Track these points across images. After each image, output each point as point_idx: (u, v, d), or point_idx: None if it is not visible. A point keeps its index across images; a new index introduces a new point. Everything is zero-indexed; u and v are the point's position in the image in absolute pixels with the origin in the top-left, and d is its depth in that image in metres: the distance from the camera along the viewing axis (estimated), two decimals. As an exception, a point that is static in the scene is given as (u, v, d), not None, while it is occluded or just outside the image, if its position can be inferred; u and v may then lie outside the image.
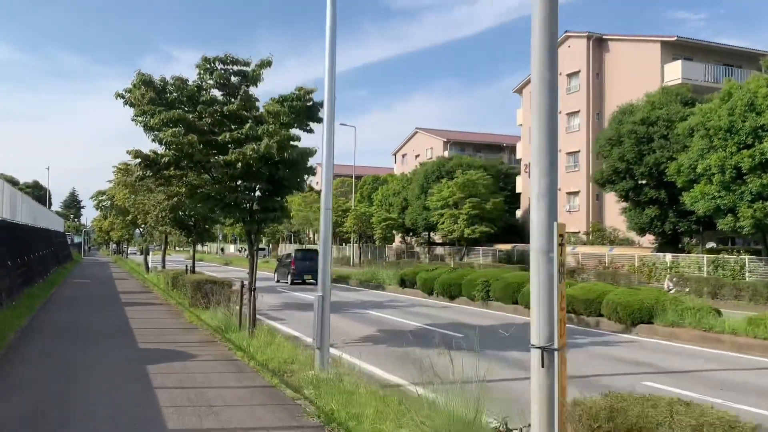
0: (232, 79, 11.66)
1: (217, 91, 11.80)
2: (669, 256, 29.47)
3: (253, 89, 11.79)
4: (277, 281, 31.11)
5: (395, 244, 55.92)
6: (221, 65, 11.43)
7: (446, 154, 56.88)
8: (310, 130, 12.22)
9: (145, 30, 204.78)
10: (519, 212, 50.19)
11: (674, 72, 36.87)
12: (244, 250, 55.00)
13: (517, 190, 49.85)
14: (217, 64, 11.40)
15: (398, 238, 55.72)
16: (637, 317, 13.96)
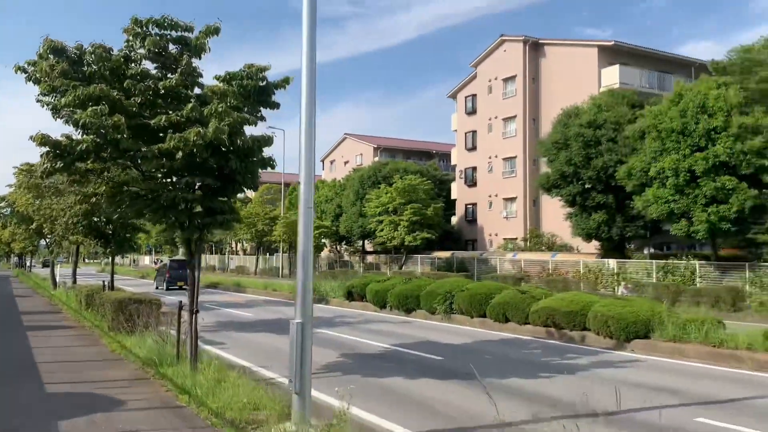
0: (170, 48, 9.30)
1: (151, 64, 9.42)
2: (614, 262, 28.80)
3: (197, 63, 9.49)
4: (157, 288, 34.95)
5: (324, 254, 53.51)
6: (156, 29, 9.06)
7: (376, 160, 55.31)
8: (261, 118, 10.02)
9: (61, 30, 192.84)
10: (454, 219, 49.01)
11: (612, 77, 36.65)
12: (161, 262, 51.07)
13: (452, 197, 48.71)
14: (151, 28, 9.02)
15: (326, 247, 53.16)
16: (632, 332, 12.48)
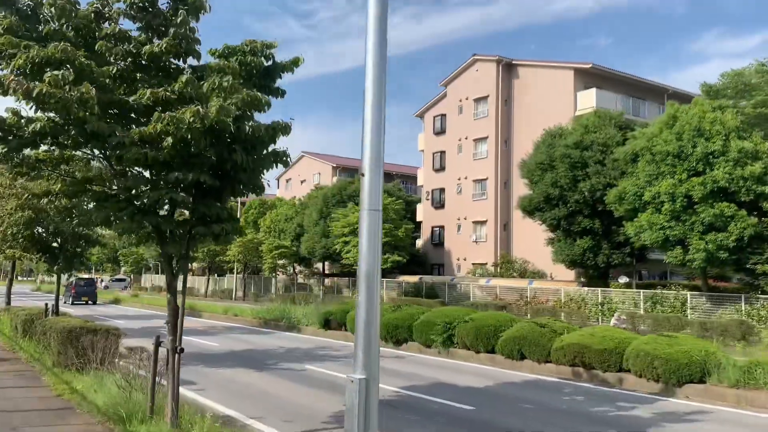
0: (159, 2, 7.11)
1: (132, 24, 7.20)
2: (599, 291, 27.42)
3: (195, 26, 7.32)
4: (65, 302, 36.05)
5: (281, 276, 50.78)
6: (141, -25, 6.88)
7: (335, 180, 53.23)
8: (274, 96, 7.97)
9: None
10: (419, 242, 47.17)
11: (588, 100, 35.74)
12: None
13: (418, 219, 46.93)
14: (133, -27, 6.84)
15: (281, 269, 50.29)
16: (684, 375, 10.72)
